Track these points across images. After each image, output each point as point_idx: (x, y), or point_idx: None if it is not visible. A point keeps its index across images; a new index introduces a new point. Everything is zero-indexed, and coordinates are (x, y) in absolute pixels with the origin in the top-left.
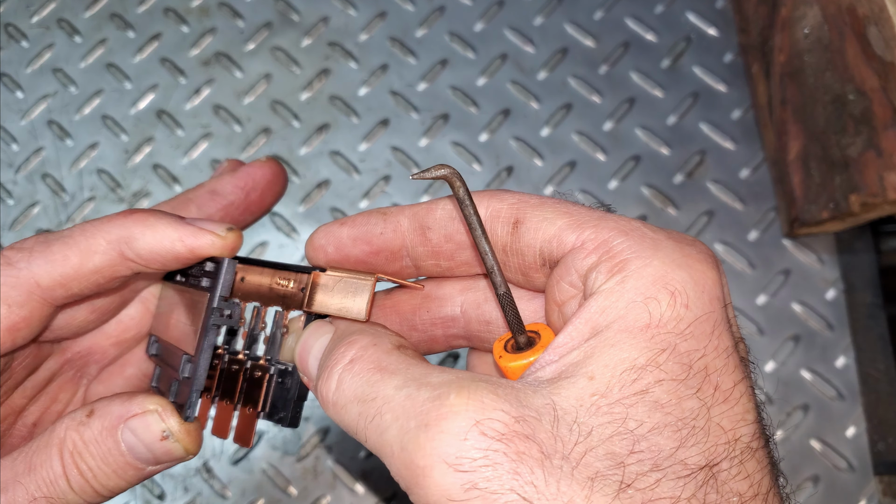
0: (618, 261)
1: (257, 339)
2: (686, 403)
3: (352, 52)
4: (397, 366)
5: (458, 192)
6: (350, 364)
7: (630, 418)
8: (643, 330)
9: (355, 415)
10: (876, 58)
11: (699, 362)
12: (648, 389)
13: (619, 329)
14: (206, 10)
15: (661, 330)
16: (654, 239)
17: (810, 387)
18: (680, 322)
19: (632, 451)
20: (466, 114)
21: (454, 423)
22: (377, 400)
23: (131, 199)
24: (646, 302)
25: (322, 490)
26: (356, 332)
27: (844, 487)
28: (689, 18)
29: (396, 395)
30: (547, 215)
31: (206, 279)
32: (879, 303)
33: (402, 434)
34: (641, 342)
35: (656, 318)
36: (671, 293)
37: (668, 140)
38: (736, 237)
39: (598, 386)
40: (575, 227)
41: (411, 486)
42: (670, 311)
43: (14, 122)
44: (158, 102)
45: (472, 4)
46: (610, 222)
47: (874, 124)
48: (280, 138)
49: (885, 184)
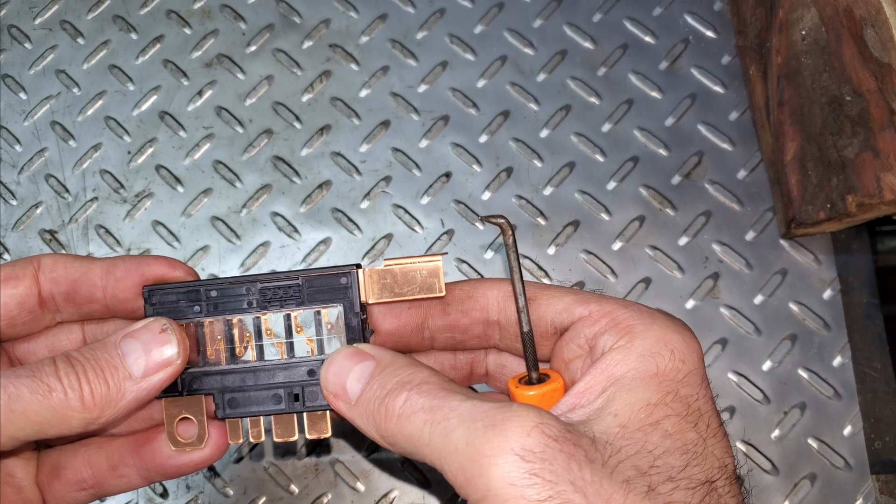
0: (624, 326)
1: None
2: (688, 434)
3: (353, 55)
4: (455, 388)
5: (507, 240)
6: (419, 385)
7: (648, 442)
8: (652, 377)
9: (420, 422)
10: (873, 59)
11: (695, 404)
12: (660, 422)
13: (633, 377)
14: (208, 12)
15: (666, 378)
16: (650, 311)
17: (807, 386)
18: (679, 373)
19: (651, 466)
20: (466, 115)
21: (519, 423)
22: (444, 409)
23: (134, 199)
24: (652, 356)
25: (323, 488)
26: (407, 360)
27: (841, 486)
28: (686, 20)
29: (462, 405)
30: (555, 294)
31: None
32: (876, 302)
33: (469, 432)
34: (652, 386)
35: (661, 369)
36: (671, 350)
37: (666, 141)
38: (733, 237)
39: (622, 420)
40: (581, 302)
41: (474, 475)
42: (671, 364)
43: (17, 124)
44: (161, 104)
45: (471, 7)
46: (609, 299)
47: (871, 126)
48: (281, 139)
49: (882, 184)
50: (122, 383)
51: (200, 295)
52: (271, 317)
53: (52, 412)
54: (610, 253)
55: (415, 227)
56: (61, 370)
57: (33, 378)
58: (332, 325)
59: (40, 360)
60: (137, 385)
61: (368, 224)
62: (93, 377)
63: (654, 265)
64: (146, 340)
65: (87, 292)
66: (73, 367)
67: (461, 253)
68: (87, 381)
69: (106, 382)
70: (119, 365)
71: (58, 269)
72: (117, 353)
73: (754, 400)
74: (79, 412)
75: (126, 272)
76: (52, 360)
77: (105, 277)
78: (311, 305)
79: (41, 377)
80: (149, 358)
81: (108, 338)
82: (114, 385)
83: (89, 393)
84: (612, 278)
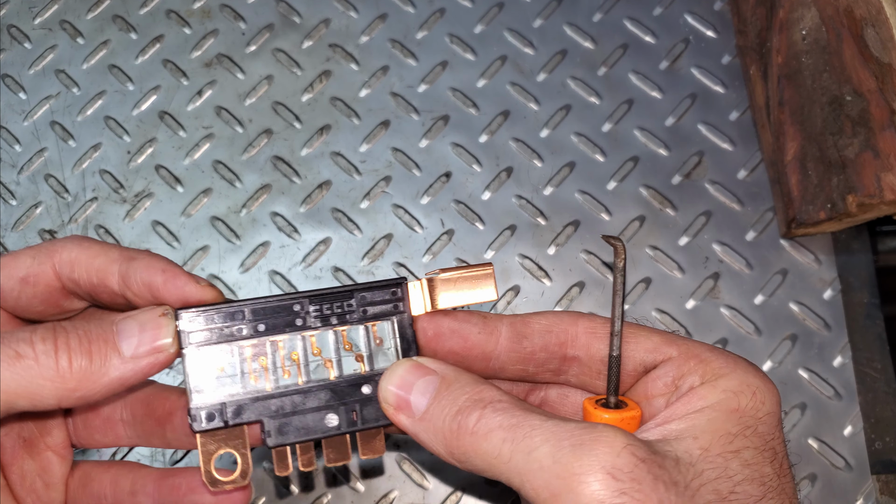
0: (710, 368)
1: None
2: (765, 468)
3: (352, 54)
4: (530, 408)
5: (619, 262)
6: (493, 403)
7: (728, 468)
8: (734, 412)
9: (499, 440)
10: (873, 59)
11: (771, 442)
12: (740, 451)
13: (715, 409)
14: (208, 12)
15: (746, 414)
16: (734, 357)
17: (808, 386)
18: (758, 412)
19: (731, 492)
20: (466, 115)
21: (608, 443)
22: (524, 427)
23: (133, 199)
24: (735, 394)
25: (323, 488)
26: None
27: (842, 486)
28: (687, 20)
29: (544, 423)
30: (643, 333)
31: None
32: (876, 302)
33: (556, 450)
34: (733, 419)
35: (743, 406)
36: (753, 392)
37: (667, 141)
38: (733, 237)
39: (703, 443)
40: (670, 343)
41: (562, 492)
42: (752, 403)
43: (17, 123)
44: (160, 104)
45: (471, 7)
46: (695, 343)
47: (871, 125)
48: (281, 139)
49: (882, 184)
50: (109, 359)
51: (241, 315)
52: (319, 335)
53: (17, 381)
54: (610, 253)
55: (415, 227)
56: (37, 336)
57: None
58: (380, 339)
59: (21, 328)
60: (124, 364)
61: (368, 224)
62: (75, 346)
63: (655, 265)
64: (143, 321)
65: (109, 299)
66: (54, 334)
67: (461, 253)
68: (68, 349)
69: (89, 355)
70: (110, 339)
71: (78, 271)
72: (112, 329)
73: None
74: (51, 381)
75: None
76: (32, 327)
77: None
78: (361, 322)
79: (10, 343)
80: (142, 338)
81: (110, 316)
82: (98, 359)
83: (66, 362)
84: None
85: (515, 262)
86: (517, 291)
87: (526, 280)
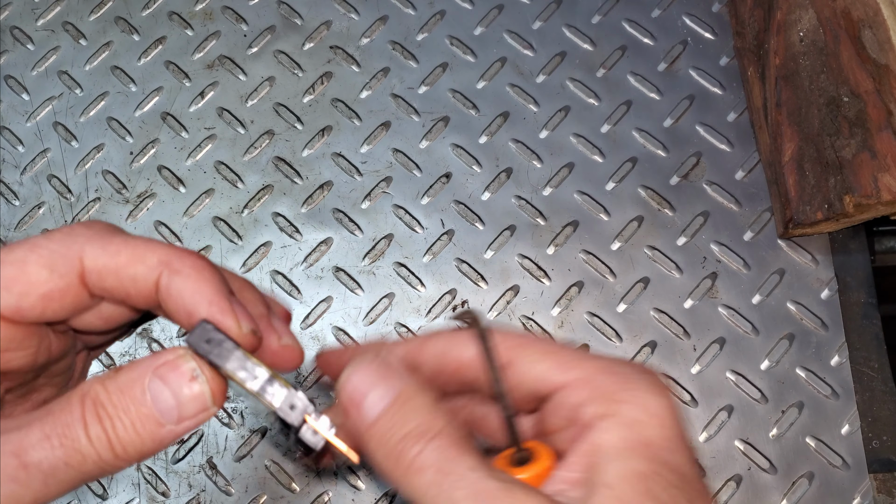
0: (605, 393)
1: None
2: (678, 500)
3: (353, 56)
4: (467, 448)
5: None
6: (435, 437)
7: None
8: (643, 448)
9: (427, 481)
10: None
11: (681, 470)
12: (654, 492)
13: (622, 447)
14: (210, 14)
15: (653, 446)
16: (626, 373)
17: (805, 385)
18: (664, 440)
19: None
20: (466, 116)
21: None
22: (453, 475)
23: (136, 200)
24: (640, 425)
25: (324, 486)
26: (429, 401)
27: (839, 485)
28: (685, 22)
29: (470, 475)
30: (533, 357)
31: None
32: (873, 302)
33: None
34: (644, 457)
35: (650, 438)
36: (658, 420)
37: (665, 142)
38: (731, 238)
39: (617, 492)
40: (560, 368)
41: None
42: (659, 432)
43: (20, 124)
44: (163, 105)
45: (471, 9)
46: (591, 362)
47: (868, 126)
48: (283, 140)
49: (879, 185)
50: (158, 431)
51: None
52: None
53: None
54: (609, 253)
55: (415, 228)
56: (88, 415)
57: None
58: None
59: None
60: (173, 432)
61: (369, 224)
62: (120, 429)
63: (653, 265)
64: (177, 387)
65: (145, 305)
66: (98, 416)
67: (461, 253)
68: (116, 432)
69: (138, 434)
70: (150, 413)
71: (109, 282)
72: (147, 400)
73: (752, 399)
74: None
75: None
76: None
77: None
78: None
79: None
80: (182, 409)
81: (133, 371)
82: (147, 434)
83: (120, 445)
84: (611, 278)
85: (515, 262)
86: (516, 291)
87: (525, 280)
